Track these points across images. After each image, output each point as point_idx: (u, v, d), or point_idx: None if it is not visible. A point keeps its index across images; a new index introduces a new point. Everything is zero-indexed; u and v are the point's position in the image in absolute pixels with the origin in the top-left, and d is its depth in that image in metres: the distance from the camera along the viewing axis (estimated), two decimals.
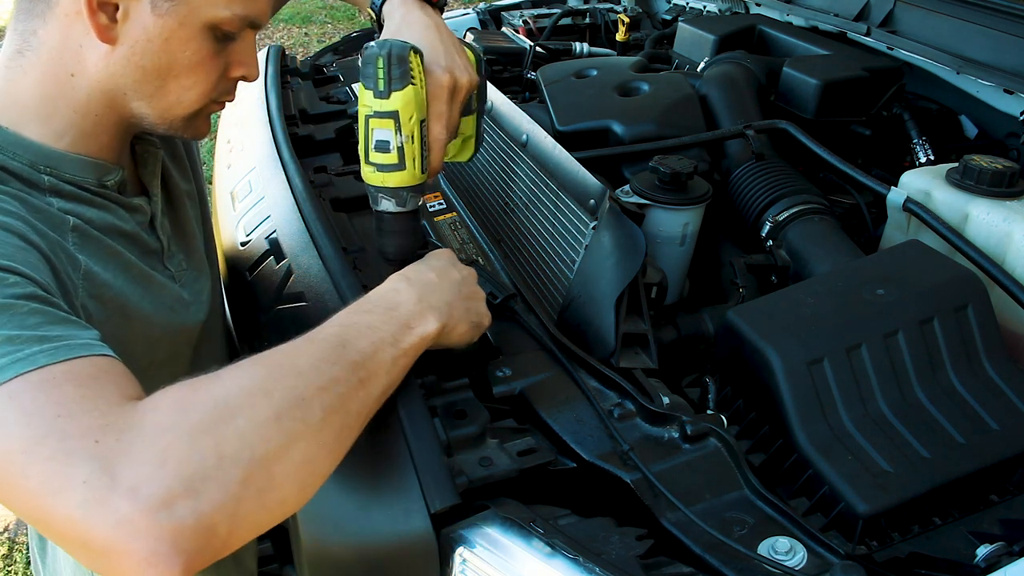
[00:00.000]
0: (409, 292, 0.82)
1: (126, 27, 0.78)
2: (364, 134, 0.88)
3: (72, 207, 0.81)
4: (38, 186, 0.79)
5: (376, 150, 0.88)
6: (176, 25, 0.79)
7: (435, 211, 1.45)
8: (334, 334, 0.73)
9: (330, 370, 0.68)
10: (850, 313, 1.02)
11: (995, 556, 0.81)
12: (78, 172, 0.82)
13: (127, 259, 0.86)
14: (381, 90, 0.85)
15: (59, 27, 0.78)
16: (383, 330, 0.76)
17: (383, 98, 0.85)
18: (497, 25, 2.53)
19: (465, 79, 0.92)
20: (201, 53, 0.82)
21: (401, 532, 0.80)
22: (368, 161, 0.90)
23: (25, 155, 0.78)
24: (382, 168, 0.89)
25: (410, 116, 0.86)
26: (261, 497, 0.59)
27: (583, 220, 1.18)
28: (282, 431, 0.61)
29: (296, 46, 6.67)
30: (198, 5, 0.79)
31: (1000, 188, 1.20)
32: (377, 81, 0.85)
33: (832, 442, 0.92)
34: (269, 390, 0.63)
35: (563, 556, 0.75)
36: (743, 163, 1.49)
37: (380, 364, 0.73)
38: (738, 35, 1.92)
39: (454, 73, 0.90)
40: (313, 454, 0.65)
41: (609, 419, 0.94)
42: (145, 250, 0.91)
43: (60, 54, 0.79)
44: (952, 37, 1.59)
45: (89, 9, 0.75)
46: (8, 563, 2.39)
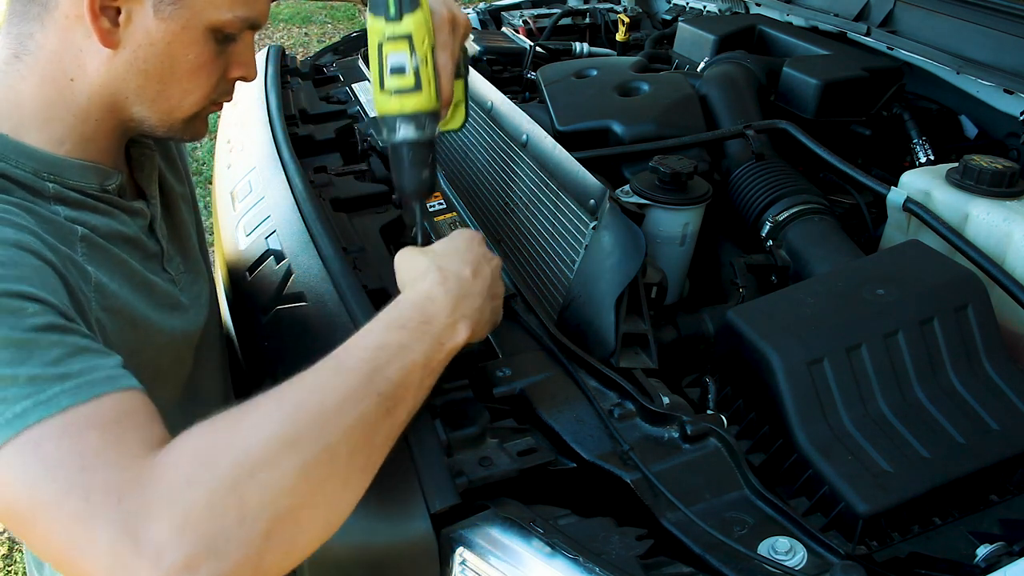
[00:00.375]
0: (445, 300, 0.80)
1: (128, 31, 0.78)
2: (379, 62, 0.87)
3: (78, 215, 0.80)
4: (43, 194, 0.78)
5: (392, 74, 0.86)
6: (179, 28, 0.79)
7: (435, 211, 1.45)
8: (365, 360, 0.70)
9: (358, 407, 0.66)
10: (850, 313, 1.02)
11: (995, 556, 0.81)
12: (81, 178, 0.82)
13: (131, 267, 0.86)
14: (392, 15, 0.84)
15: (58, 32, 0.77)
16: (415, 350, 0.74)
17: (396, 21, 0.85)
18: (497, 25, 2.53)
19: (463, 16, 0.93)
20: (203, 56, 0.82)
21: (401, 532, 0.80)
22: (384, 89, 0.87)
23: (28, 163, 0.77)
24: (400, 91, 0.87)
25: (423, 39, 0.85)
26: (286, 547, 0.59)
27: (583, 220, 1.18)
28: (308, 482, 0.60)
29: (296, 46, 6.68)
30: (200, 8, 0.79)
31: (1000, 188, 1.20)
32: (388, 6, 0.84)
33: (832, 442, 0.92)
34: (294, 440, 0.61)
35: (563, 556, 0.75)
36: (743, 163, 1.49)
37: (409, 389, 0.72)
38: (738, 35, 1.92)
39: (452, 9, 0.91)
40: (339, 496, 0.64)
41: (609, 419, 0.94)
42: (146, 254, 0.91)
43: (59, 59, 0.78)
44: (952, 37, 1.59)
45: (92, 13, 0.75)
46: (8, 563, 2.38)
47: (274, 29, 7.14)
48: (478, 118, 1.59)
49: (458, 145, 1.66)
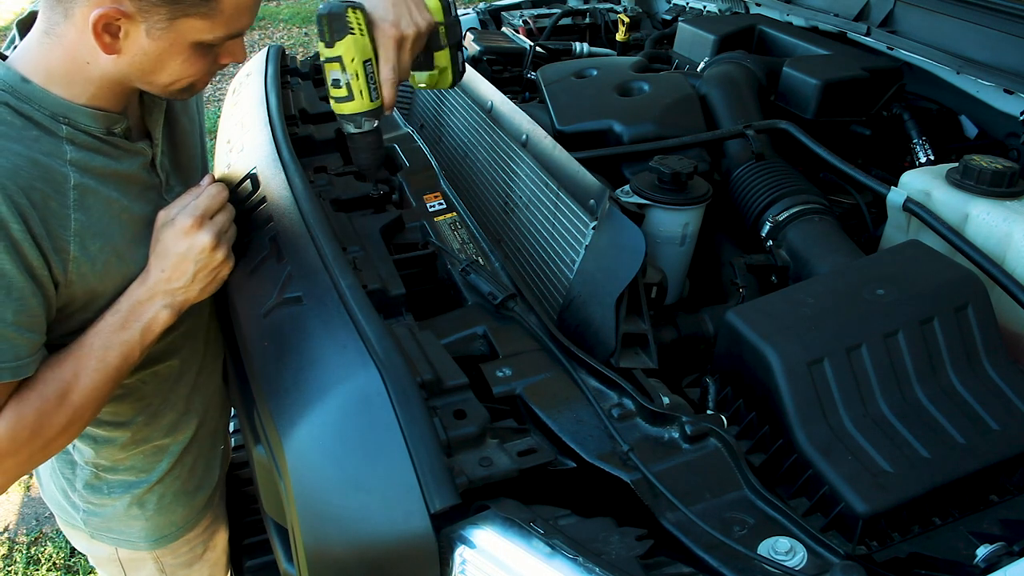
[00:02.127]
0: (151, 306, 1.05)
1: (127, 44, 0.95)
2: (324, 77, 1.14)
3: (82, 155, 0.99)
4: (56, 134, 0.97)
5: (332, 87, 1.13)
6: (167, 46, 0.96)
7: (435, 211, 1.45)
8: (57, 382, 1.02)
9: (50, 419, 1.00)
10: (850, 313, 1.02)
11: (995, 556, 0.81)
12: (90, 122, 1.00)
13: (123, 205, 1.04)
14: (327, 40, 1.09)
15: (76, 31, 0.94)
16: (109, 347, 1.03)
17: (329, 47, 1.09)
18: (497, 25, 2.53)
19: (411, 31, 1.12)
20: (192, 59, 1.00)
21: (401, 532, 0.80)
22: (330, 96, 1.15)
23: (49, 107, 0.97)
24: (338, 100, 1.15)
25: (352, 58, 1.10)
26: None
27: (583, 220, 1.18)
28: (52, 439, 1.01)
29: (296, 46, 6.67)
30: (185, 31, 0.95)
31: (1000, 188, 1.20)
32: (324, 34, 1.09)
33: (832, 442, 0.92)
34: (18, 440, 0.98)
35: (563, 556, 0.75)
36: (743, 163, 1.49)
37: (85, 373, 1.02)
38: (738, 35, 1.92)
39: (399, 27, 1.11)
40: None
41: (609, 419, 0.94)
42: (144, 187, 1.09)
43: (77, 48, 0.96)
44: (952, 37, 1.59)
45: (95, 32, 0.92)
46: (8, 563, 2.39)
47: (274, 29, 7.14)
48: (478, 118, 1.59)
49: (458, 145, 1.66)
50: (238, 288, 1.22)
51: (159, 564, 1.37)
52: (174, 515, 1.33)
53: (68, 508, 1.31)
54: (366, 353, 0.94)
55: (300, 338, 1.05)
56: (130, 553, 1.34)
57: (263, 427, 1.02)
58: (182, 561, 1.39)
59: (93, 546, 1.35)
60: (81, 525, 1.31)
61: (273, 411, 0.98)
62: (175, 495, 1.31)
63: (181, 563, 1.39)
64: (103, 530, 1.30)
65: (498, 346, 1.08)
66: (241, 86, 1.85)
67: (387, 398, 0.87)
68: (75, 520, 1.31)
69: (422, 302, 1.26)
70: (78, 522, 1.31)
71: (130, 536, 1.31)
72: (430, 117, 1.84)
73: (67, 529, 1.36)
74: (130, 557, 1.35)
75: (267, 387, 1.03)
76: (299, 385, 1.00)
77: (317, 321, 1.04)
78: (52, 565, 2.36)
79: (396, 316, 1.13)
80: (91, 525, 1.30)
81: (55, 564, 2.37)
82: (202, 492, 1.37)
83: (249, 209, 1.35)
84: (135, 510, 1.28)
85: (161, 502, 1.30)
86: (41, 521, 2.53)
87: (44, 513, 2.56)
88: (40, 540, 2.45)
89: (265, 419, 1.00)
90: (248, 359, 1.11)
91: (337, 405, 0.92)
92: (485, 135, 1.54)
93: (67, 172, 0.97)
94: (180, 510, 1.33)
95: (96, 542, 1.33)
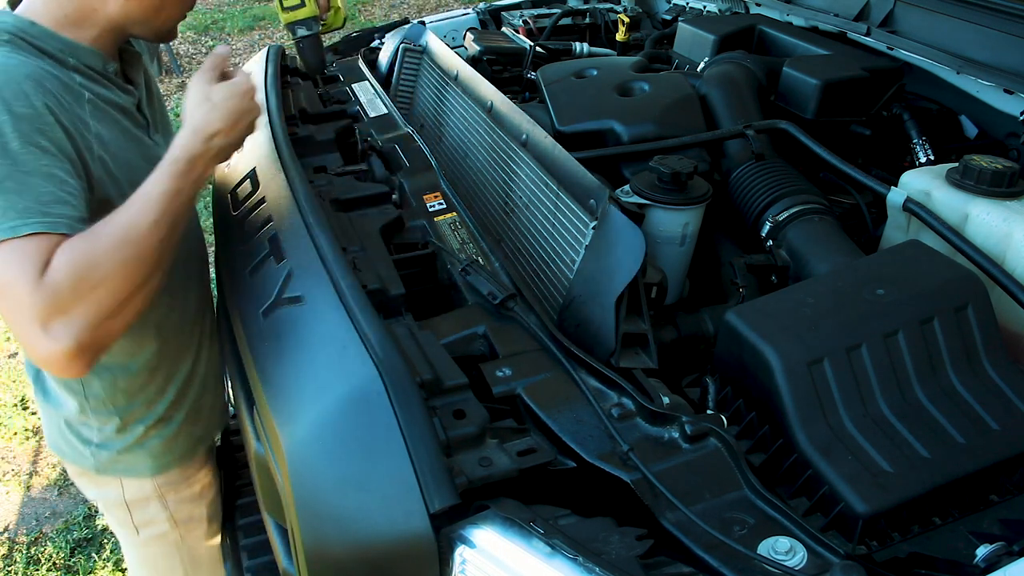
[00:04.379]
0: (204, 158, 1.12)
1: None
2: None
3: (88, 83, 1.16)
4: (66, 64, 1.14)
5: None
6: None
7: (435, 211, 1.45)
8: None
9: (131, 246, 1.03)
10: (850, 313, 1.02)
11: (995, 556, 0.81)
12: (92, 60, 1.18)
13: (125, 126, 1.22)
14: None
15: None
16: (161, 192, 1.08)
17: None
18: (497, 25, 2.53)
19: None
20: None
21: (401, 532, 0.80)
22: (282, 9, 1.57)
23: (59, 45, 1.14)
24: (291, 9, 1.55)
25: None
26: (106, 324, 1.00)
27: (583, 220, 1.18)
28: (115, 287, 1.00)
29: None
30: None
31: (1000, 188, 1.20)
32: None
33: (832, 442, 0.92)
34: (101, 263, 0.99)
35: (563, 556, 0.75)
36: (743, 163, 1.49)
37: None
38: (738, 35, 1.92)
39: None
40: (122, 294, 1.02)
41: (609, 419, 0.94)
42: (136, 123, 1.27)
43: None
44: (952, 37, 1.59)
45: None
46: (8, 563, 2.39)
47: (274, 29, 7.13)
48: (478, 118, 1.59)
49: (458, 145, 1.66)
50: (238, 288, 1.22)
51: (163, 502, 1.45)
52: (177, 447, 1.43)
53: (78, 446, 1.38)
54: (366, 353, 0.94)
55: (300, 338, 1.05)
56: (135, 489, 1.43)
57: (263, 427, 1.02)
58: (184, 497, 1.48)
59: (101, 488, 1.44)
60: (90, 462, 1.38)
61: (273, 411, 0.98)
62: (179, 427, 1.41)
63: (183, 499, 1.48)
64: (111, 463, 1.39)
65: (498, 346, 1.08)
66: None
67: (387, 398, 0.88)
68: (84, 459, 1.39)
69: (422, 302, 1.26)
70: (87, 461, 1.39)
71: (136, 466, 1.40)
72: (430, 117, 1.84)
73: (77, 477, 1.46)
74: (135, 496, 1.43)
75: (267, 387, 1.03)
76: (299, 385, 1.00)
77: (317, 321, 1.04)
78: (52, 565, 2.36)
79: (396, 316, 1.13)
80: (99, 459, 1.38)
81: (55, 564, 2.37)
82: (201, 427, 1.47)
83: (249, 209, 1.35)
84: (142, 440, 1.37)
85: (165, 433, 1.39)
86: (41, 521, 2.53)
87: (44, 513, 2.56)
88: (40, 540, 2.45)
89: (265, 419, 1.01)
90: (248, 359, 1.12)
91: (337, 405, 0.92)
92: (485, 135, 1.54)
93: (80, 91, 1.14)
94: (183, 442, 1.43)
95: (104, 480, 1.42)
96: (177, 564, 1.53)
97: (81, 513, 2.52)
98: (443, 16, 2.55)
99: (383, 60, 2.15)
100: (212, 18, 7.48)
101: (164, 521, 1.47)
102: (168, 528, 1.48)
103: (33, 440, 2.83)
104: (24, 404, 2.98)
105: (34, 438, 2.83)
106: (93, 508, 2.54)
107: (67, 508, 2.57)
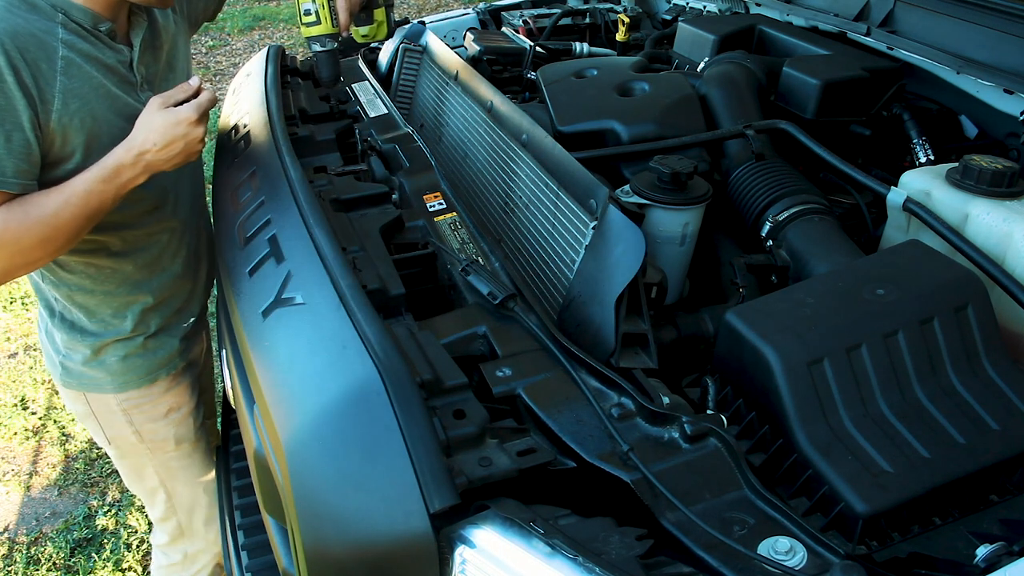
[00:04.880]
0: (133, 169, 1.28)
1: None
2: (296, 8, 1.57)
3: (70, 38, 1.25)
4: (52, 19, 1.23)
5: (303, 15, 1.56)
6: None
7: (435, 211, 1.45)
8: None
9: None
10: (850, 313, 1.02)
11: (995, 556, 0.81)
12: (80, 17, 1.26)
13: (102, 82, 1.30)
14: None
15: None
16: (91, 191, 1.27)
17: None
18: (497, 25, 2.53)
19: None
20: None
21: (400, 532, 0.80)
22: (302, 23, 1.57)
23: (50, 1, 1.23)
24: (308, 25, 1.57)
25: None
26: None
27: (583, 220, 1.18)
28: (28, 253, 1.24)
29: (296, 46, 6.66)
30: None
31: (1000, 188, 1.20)
32: None
33: (832, 442, 0.92)
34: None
35: (563, 556, 0.75)
36: (743, 163, 1.49)
37: None
38: (738, 35, 1.92)
39: None
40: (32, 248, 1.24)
41: (609, 419, 0.94)
42: (122, 79, 1.34)
43: None
44: (952, 37, 1.59)
45: None
46: (8, 563, 2.39)
47: (274, 29, 7.14)
48: (478, 118, 1.59)
49: (458, 145, 1.66)
50: (238, 288, 1.22)
51: (128, 417, 1.59)
52: (136, 370, 1.55)
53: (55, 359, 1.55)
54: (366, 353, 0.94)
55: (300, 338, 1.05)
56: (99, 404, 1.57)
57: (263, 427, 1.02)
58: (148, 416, 1.61)
59: (73, 402, 1.60)
60: (58, 372, 1.55)
61: (273, 411, 0.98)
62: (138, 351, 1.54)
63: (148, 418, 1.61)
64: (76, 376, 1.54)
65: (498, 346, 1.08)
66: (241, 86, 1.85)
67: (386, 398, 0.88)
68: (54, 373, 1.56)
69: (422, 302, 1.26)
70: (56, 373, 1.56)
71: (97, 381, 1.54)
72: (430, 117, 1.84)
73: (62, 389, 1.60)
74: (100, 410, 1.58)
75: (267, 387, 1.03)
76: (299, 385, 1.00)
77: (317, 321, 1.04)
78: (52, 565, 2.36)
79: (396, 316, 1.13)
80: (68, 373, 1.54)
81: (55, 564, 2.37)
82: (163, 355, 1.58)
83: (249, 209, 1.35)
84: (100, 357, 1.52)
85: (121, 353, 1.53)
86: (41, 521, 2.53)
87: (44, 513, 2.56)
88: (40, 540, 2.45)
89: (265, 419, 1.00)
90: (248, 359, 1.11)
91: (337, 405, 0.92)
92: (485, 135, 1.54)
93: (56, 46, 1.23)
94: (142, 365, 1.55)
95: (72, 394, 1.57)
96: (152, 474, 1.70)
97: (81, 513, 2.52)
98: (443, 16, 2.55)
99: (383, 60, 2.15)
100: None
101: (131, 435, 1.62)
102: (135, 440, 1.63)
103: (33, 440, 2.83)
104: (24, 404, 2.98)
105: (34, 438, 2.83)
106: (93, 508, 2.54)
107: (67, 508, 2.57)
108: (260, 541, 1.49)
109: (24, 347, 3.29)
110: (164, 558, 1.88)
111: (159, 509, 1.77)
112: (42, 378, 3.10)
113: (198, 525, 1.82)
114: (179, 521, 1.79)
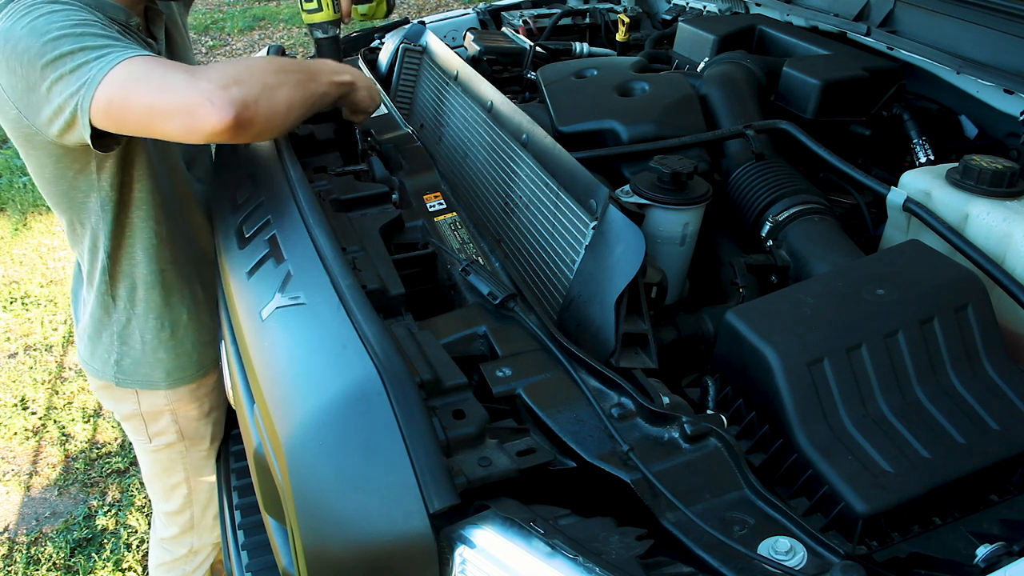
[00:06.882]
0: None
1: None
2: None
3: None
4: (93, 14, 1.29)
5: (305, 2, 1.58)
6: None
7: (435, 211, 1.45)
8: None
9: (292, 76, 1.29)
10: (850, 313, 1.02)
11: (995, 556, 0.81)
12: (117, 13, 1.34)
13: None
14: None
15: None
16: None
17: None
18: (497, 25, 2.53)
19: None
20: None
21: (400, 532, 0.80)
22: (303, 10, 1.59)
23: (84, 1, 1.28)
24: (310, 12, 1.58)
25: None
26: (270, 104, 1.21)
27: (583, 220, 1.18)
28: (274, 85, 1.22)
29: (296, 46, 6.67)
30: None
31: (1000, 188, 1.20)
32: None
33: (832, 442, 0.92)
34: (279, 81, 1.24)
35: (563, 556, 0.75)
36: (743, 163, 1.49)
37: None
38: (738, 35, 1.92)
39: None
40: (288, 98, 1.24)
41: (609, 419, 0.94)
42: None
43: None
44: (952, 37, 1.59)
45: None
46: (8, 563, 2.39)
47: (274, 29, 7.14)
48: (478, 118, 1.59)
49: (458, 145, 1.66)
50: (238, 288, 1.22)
51: (174, 416, 1.65)
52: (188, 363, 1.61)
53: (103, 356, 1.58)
54: (365, 353, 0.94)
55: (300, 338, 1.05)
56: (149, 402, 1.62)
57: (262, 427, 1.02)
58: (192, 415, 1.67)
59: (119, 401, 1.63)
60: (111, 375, 1.58)
61: (272, 411, 0.98)
62: (192, 344, 1.61)
63: (191, 417, 1.67)
64: (129, 374, 1.58)
65: (498, 346, 1.08)
66: None
67: (386, 398, 0.88)
68: (107, 373, 1.59)
69: (422, 302, 1.26)
70: (109, 373, 1.59)
71: (150, 377, 1.59)
72: (430, 117, 1.84)
73: (100, 391, 1.66)
74: (149, 409, 1.63)
75: (267, 387, 1.03)
76: (298, 385, 1.00)
77: (317, 321, 1.04)
78: (52, 565, 2.36)
79: (396, 316, 1.13)
80: (121, 370, 1.58)
81: (55, 564, 2.37)
82: (214, 351, 1.64)
83: (249, 209, 1.35)
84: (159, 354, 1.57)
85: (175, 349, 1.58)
86: (41, 521, 2.53)
87: (44, 513, 2.56)
88: (40, 540, 2.45)
89: (265, 419, 1.00)
90: (248, 359, 1.11)
91: (336, 405, 0.92)
92: (485, 135, 1.54)
93: None
94: (194, 357, 1.62)
95: (122, 393, 1.61)
96: (180, 470, 1.75)
97: (81, 513, 2.53)
98: (443, 16, 2.55)
99: (383, 60, 2.15)
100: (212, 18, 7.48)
101: (173, 433, 1.68)
102: (175, 439, 1.69)
103: (33, 440, 2.83)
104: (24, 404, 2.98)
105: (34, 438, 2.83)
106: (93, 508, 2.54)
107: (67, 508, 2.57)
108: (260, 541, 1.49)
109: (24, 347, 3.29)
110: (166, 554, 1.89)
111: (175, 503, 1.81)
112: (42, 378, 3.10)
113: (209, 520, 1.85)
114: (192, 515, 1.83)
